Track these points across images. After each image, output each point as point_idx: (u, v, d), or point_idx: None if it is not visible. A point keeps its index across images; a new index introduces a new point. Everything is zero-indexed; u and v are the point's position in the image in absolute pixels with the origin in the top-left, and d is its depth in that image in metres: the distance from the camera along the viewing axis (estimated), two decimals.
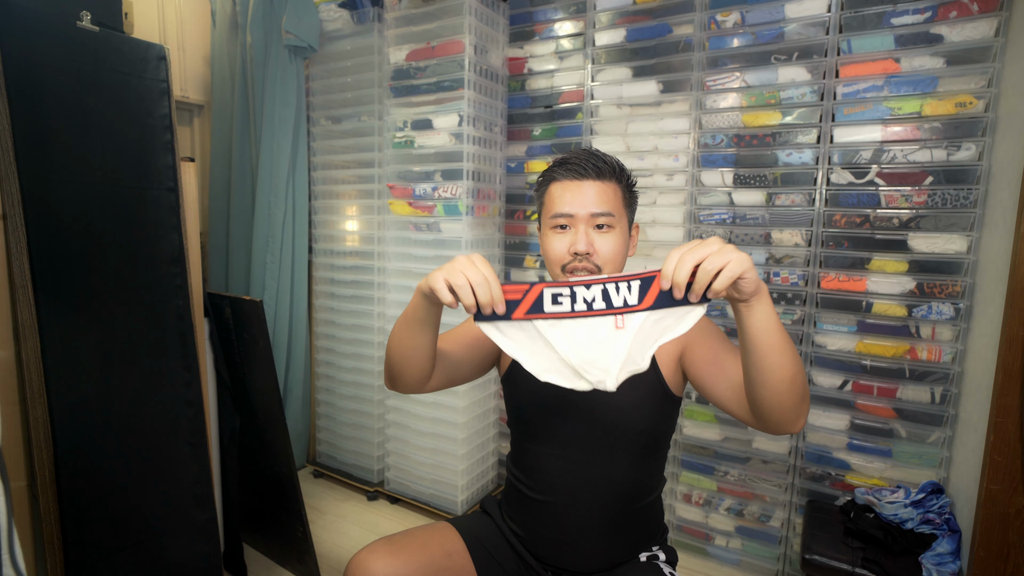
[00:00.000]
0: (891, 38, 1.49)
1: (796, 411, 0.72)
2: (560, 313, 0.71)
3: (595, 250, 0.88)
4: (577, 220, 0.89)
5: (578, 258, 0.88)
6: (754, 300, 0.66)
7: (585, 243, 0.87)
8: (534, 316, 0.72)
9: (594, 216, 0.89)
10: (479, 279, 0.70)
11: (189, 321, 1.36)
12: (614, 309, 0.69)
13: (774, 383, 0.70)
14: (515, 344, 0.73)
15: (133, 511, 1.26)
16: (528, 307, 0.72)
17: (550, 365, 0.73)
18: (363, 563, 0.91)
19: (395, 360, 0.88)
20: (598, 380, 0.71)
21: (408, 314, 0.83)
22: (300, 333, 2.29)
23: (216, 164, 2.25)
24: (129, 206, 1.28)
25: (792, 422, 0.73)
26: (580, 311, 0.70)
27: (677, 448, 1.86)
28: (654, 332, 0.69)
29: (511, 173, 2.13)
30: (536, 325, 0.72)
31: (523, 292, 0.72)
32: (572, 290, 0.70)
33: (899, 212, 1.51)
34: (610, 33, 1.87)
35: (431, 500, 2.09)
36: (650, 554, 0.98)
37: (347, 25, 2.13)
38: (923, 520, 1.39)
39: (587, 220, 0.89)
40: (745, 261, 0.62)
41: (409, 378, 0.90)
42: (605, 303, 0.70)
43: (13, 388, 1.14)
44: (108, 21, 1.28)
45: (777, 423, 0.74)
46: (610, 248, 0.89)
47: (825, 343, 1.63)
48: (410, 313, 0.82)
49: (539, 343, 0.73)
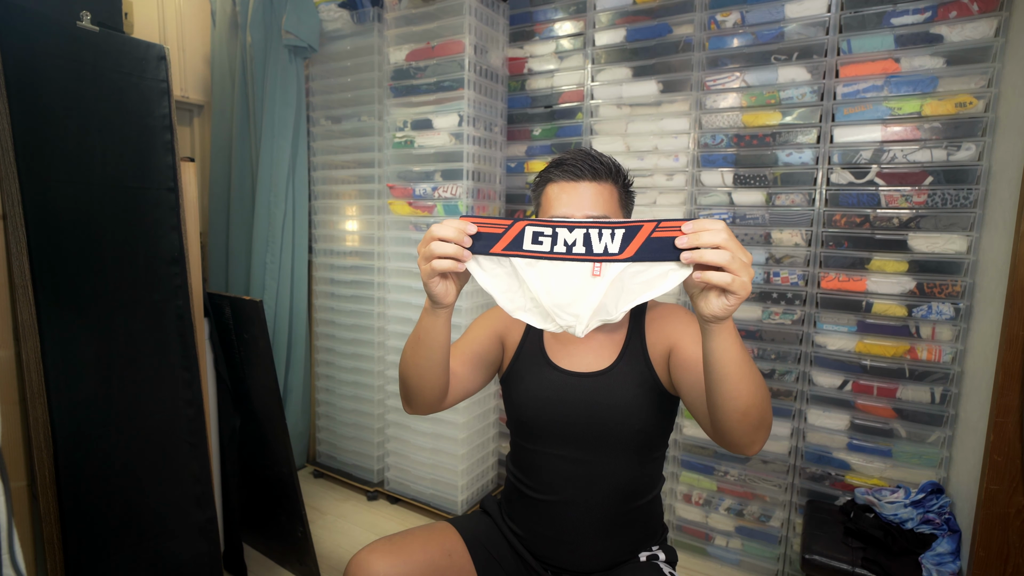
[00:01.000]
0: (891, 38, 1.49)
1: (748, 438, 0.72)
2: (538, 252, 0.70)
3: None
4: None
5: None
6: (719, 326, 0.65)
7: None
8: (512, 253, 0.71)
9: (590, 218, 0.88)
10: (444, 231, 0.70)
11: (189, 321, 1.36)
12: (593, 256, 0.68)
13: (727, 410, 0.70)
14: (491, 278, 0.73)
15: (133, 511, 1.26)
16: (508, 242, 0.71)
17: (523, 303, 0.72)
18: (363, 563, 0.91)
19: (411, 383, 0.88)
20: (567, 324, 0.70)
21: (418, 334, 0.82)
22: (300, 333, 2.29)
23: (216, 164, 2.25)
24: (129, 206, 1.28)
25: (744, 447, 0.73)
26: (559, 253, 0.69)
27: (677, 448, 1.86)
28: (633, 285, 0.67)
29: (511, 173, 2.13)
30: (513, 262, 0.71)
31: (505, 227, 0.71)
32: (554, 230, 0.69)
33: (899, 212, 1.51)
34: (610, 33, 1.87)
35: (431, 500, 2.09)
36: (650, 554, 0.99)
37: (347, 25, 2.14)
38: (923, 520, 1.39)
39: None
40: (745, 288, 0.61)
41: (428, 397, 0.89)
42: (585, 248, 0.68)
43: (13, 388, 1.14)
44: (108, 21, 1.28)
45: (729, 444, 0.74)
46: None
47: (825, 343, 1.63)
48: (420, 332, 0.82)
49: (514, 280, 0.72)
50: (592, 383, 0.94)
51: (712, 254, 0.60)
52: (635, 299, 0.67)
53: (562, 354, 0.98)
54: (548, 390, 0.96)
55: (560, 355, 0.98)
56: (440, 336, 0.81)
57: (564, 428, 0.95)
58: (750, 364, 0.69)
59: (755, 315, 1.72)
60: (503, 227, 0.71)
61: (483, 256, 0.72)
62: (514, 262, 0.71)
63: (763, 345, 1.71)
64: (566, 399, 0.94)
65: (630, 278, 0.67)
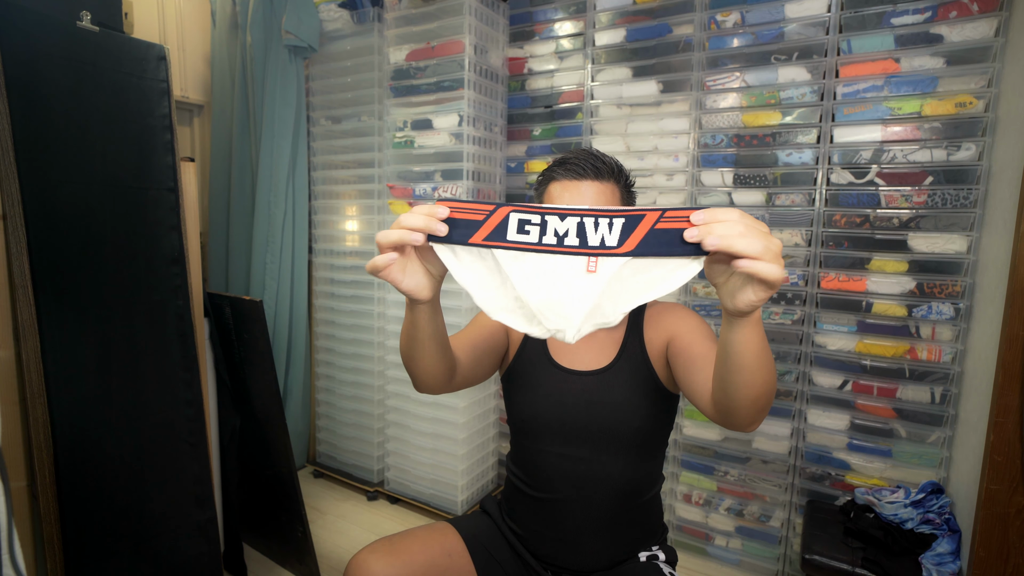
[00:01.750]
0: (891, 38, 1.49)
1: (753, 419, 0.71)
2: (524, 244, 0.61)
3: None
4: None
5: None
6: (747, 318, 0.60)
7: None
8: (494, 243, 0.61)
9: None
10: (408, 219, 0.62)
11: (189, 321, 1.36)
12: (588, 248, 0.59)
13: (738, 398, 0.68)
14: (470, 274, 0.63)
15: (133, 511, 1.26)
16: (489, 231, 0.61)
17: (505, 303, 0.63)
18: (363, 563, 0.91)
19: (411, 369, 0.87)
20: (556, 328, 0.62)
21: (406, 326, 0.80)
22: (300, 333, 2.29)
23: (216, 164, 2.25)
24: (129, 206, 1.28)
25: (746, 427, 0.73)
26: (548, 245, 0.60)
27: (677, 448, 1.86)
28: (634, 284, 0.59)
29: (511, 173, 2.13)
30: (495, 254, 0.62)
31: (487, 213, 0.61)
32: (543, 218, 0.60)
33: (899, 212, 1.51)
34: (610, 33, 1.87)
35: (431, 500, 2.09)
36: (650, 554, 0.99)
37: (347, 25, 2.13)
38: (923, 520, 1.38)
39: None
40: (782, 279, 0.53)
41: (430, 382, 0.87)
42: (579, 239, 0.59)
43: (13, 388, 1.14)
44: (108, 21, 1.28)
45: (731, 424, 0.74)
46: None
47: (825, 343, 1.63)
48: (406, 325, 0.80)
49: (496, 276, 0.63)
50: (592, 381, 0.94)
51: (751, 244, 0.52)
52: (636, 300, 0.59)
53: (564, 351, 0.98)
54: (548, 388, 0.96)
55: (562, 352, 0.98)
56: (425, 329, 0.77)
57: (564, 426, 0.95)
58: (768, 352, 0.64)
59: None
60: (484, 213, 0.62)
61: (461, 247, 0.62)
62: (496, 254, 0.62)
63: None
64: (566, 398, 0.95)
65: (630, 275, 0.59)
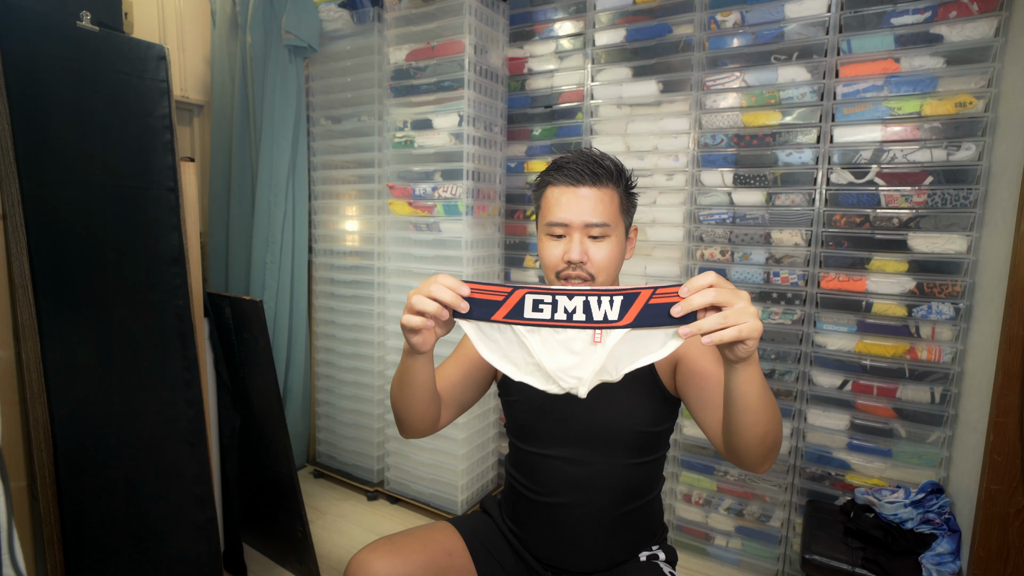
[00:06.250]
0: (891, 38, 1.49)
1: (762, 459, 0.77)
2: (539, 320, 0.72)
3: (589, 259, 0.88)
4: (572, 229, 0.89)
5: (572, 266, 0.88)
6: (743, 363, 0.68)
7: (579, 252, 0.88)
8: (513, 321, 0.73)
9: (588, 226, 0.88)
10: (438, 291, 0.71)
11: (189, 321, 1.36)
12: (593, 323, 0.70)
13: (747, 437, 0.74)
14: (492, 344, 0.75)
15: (133, 511, 1.26)
16: (508, 310, 0.73)
17: (525, 367, 0.75)
18: (363, 563, 0.91)
19: (400, 415, 0.91)
20: (571, 387, 0.74)
21: (401, 372, 0.85)
22: (300, 333, 2.29)
23: (216, 164, 2.24)
24: (129, 206, 1.28)
25: (757, 467, 0.79)
26: (560, 320, 0.71)
27: (677, 448, 1.86)
28: (632, 352, 0.70)
29: (511, 173, 2.13)
30: (515, 329, 0.73)
31: (505, 295, 0.73)
32: (554, 298, 0.71)
33: (899, 212, 1.51)
34: (610, 33, 1.87)
35: (431, 500, 2.09)
36: (650, 554, 0.99)
37: (347, 25, 2.13)
38: (923, 520, 1.39)
39: (582, 229, 0.88)
40: (757, 330, 0.63)
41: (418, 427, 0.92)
42: (585, 315, 0.70)
43: (13, 388, 1.14)
44: (108, 21, 1.28)
45: (743, 464, 0.79)
46: (604, 257, 0.89)
47: (825, 343, 1.63)
48: (402, 371, 0.84)
49: (516, 346, 0.74)
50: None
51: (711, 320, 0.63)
52: (635, 363, 0.71)
53: None
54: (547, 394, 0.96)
55: None
56: (420, 376, 0.83)
57: (564, 430, 0.95)
58: (769, 393, 0.72)
59: None
60: (503, 295, 0.73)
61: (484, 323, 0.74)
62: (517, 330, 0.73)
63: (763, 345, 1.71)
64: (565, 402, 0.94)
65: (629, 343, 0.70)
